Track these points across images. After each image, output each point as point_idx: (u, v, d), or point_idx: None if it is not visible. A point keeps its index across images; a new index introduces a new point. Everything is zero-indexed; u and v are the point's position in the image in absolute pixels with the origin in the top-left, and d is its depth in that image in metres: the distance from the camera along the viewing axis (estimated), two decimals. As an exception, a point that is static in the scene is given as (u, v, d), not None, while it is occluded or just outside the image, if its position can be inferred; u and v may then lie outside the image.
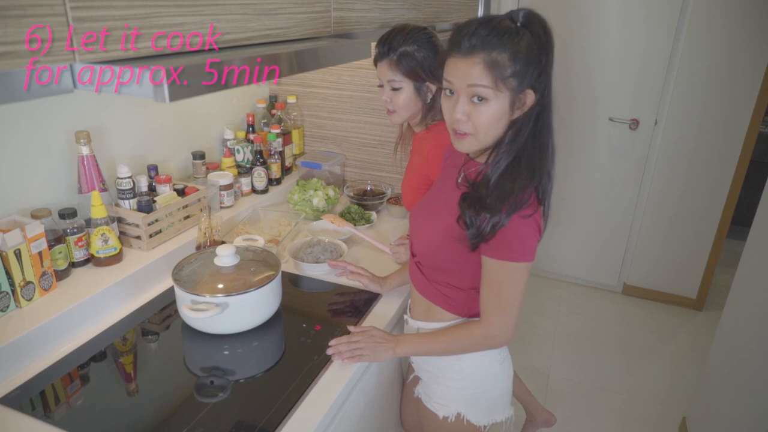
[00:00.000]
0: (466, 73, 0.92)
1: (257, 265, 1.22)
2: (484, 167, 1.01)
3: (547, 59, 0.94)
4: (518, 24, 0.92)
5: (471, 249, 0.99)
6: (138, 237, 1.35)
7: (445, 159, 1.20)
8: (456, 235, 1.01)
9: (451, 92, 0.96)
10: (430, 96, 1.35)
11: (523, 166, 0.96)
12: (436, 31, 1.37)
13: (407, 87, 1.33)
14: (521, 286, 0.99)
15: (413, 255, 1.17)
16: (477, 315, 1.09)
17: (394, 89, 1.34)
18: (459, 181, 1.06)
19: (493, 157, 0.99)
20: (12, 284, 1.09)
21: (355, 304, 1.32)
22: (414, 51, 1.29)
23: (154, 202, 1.40)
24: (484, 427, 1.17)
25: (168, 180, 1.46)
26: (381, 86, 1.37)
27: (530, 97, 0.94)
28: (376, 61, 1.36)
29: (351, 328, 1.15)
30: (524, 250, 0.96)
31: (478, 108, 0.93)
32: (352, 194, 1.88)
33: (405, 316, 1.26)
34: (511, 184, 0.95)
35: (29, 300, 1.13)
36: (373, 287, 1.34)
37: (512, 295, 0.99)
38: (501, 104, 0.93)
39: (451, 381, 1.15)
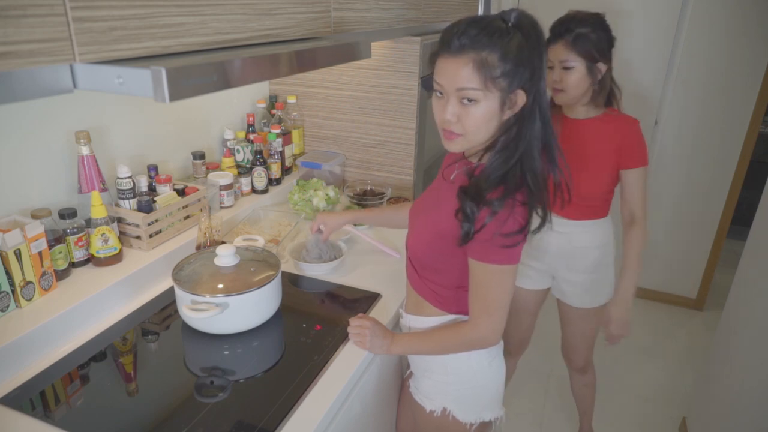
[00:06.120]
0: (456, 74, 0.92)
1: (257, 265, 1.22)
2: (479, 165, 1.01)
3: (539, 61, 0.94)
4: (509, 24, 0.92)
5: (459, 244, 0.98)
6: (138, 237, 1.35)
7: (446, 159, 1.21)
8: (445, 234, 1.02)
9: (441, 93, 0.96)
10: (599, 76, 1.46)
11: (518, 166, 0.97)
12: (439, 32, 1.38)
13: (580, 67, 1.43)
14: (506, 288, 1.00)
15: (406, 251, 1.18)
16: (464, 312, 1.10)
17: (566, 68, 1.44)
18: (452, 179, 1.07)
19: (488, 157, 0.99)
20: (12, 284, 1.09)
21: (355, 304, 1.32)
22: (588, 32, 1.42)
23: (154, 202, 1.40)
24: (471, 424, 1.17)
25: (168, 180, 1.46)
26: (551, 68, 1.47)
27: (521, 98, 0.94)
28: (550, 42, 1.46)
29: (361, 316, 1.18)
30: (508, 253, 0.96)
31: (468, 109, 0.93)
32: (352, 194, 1.88)
33: (400, 310, 1.28)
34: (505, 182, 0.96)
35: (29, 300, 1.13)
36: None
37: (497, 298, 1.00)
38: (490, 105, 0.93)
39: (437, 375, 1.16)
